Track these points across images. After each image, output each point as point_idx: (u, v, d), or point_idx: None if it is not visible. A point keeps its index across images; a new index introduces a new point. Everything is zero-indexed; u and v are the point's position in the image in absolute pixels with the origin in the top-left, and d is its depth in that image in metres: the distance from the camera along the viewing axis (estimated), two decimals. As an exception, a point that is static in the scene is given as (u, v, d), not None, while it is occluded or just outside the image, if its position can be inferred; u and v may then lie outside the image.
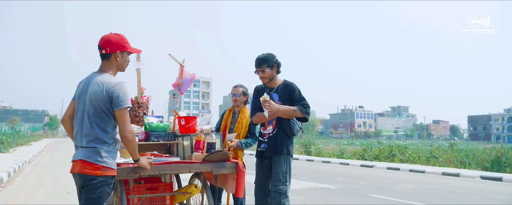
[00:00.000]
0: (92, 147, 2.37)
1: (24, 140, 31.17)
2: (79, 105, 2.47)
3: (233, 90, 4.19)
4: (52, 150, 23.04)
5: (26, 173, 10.30)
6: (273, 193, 3.33)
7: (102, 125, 2.40)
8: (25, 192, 7.07)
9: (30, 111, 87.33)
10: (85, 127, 2.40)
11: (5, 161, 12.73)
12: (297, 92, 3.57)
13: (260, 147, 3.59)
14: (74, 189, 6.20)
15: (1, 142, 20.57)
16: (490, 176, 10.66)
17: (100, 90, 2.38)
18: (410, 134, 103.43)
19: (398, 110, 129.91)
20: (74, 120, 2.51)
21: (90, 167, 2.33)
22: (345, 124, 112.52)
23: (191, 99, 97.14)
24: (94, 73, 2.53)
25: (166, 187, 3.54)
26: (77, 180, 2.42)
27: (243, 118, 4.05)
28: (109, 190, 2.40)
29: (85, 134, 2.39)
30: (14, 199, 6.36)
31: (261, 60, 3.54)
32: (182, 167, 3.04)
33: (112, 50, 2.49)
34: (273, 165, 3.44)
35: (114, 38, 2.50)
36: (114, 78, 2.48)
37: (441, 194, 7.44)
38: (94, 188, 2.33)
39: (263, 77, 3.57)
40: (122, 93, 2.40)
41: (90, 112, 2.40)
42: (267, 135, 3.56)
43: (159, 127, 3.59)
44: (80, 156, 2.38)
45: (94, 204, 2.34)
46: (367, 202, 6.43)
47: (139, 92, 4.05)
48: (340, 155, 20.01)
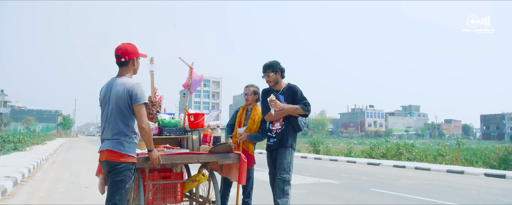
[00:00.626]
0: (116, 139, 2.86)
1: (39, 139, 32.05)
2: (105, 105, 2.97)
3: (245, 90, 4.49)
4: (67, 149, 23.70)
5: (45, 170, 10.83)
6: (278, 181, 3.86)
7: (124, 120, 2.88)
8: (46, 186, 7.55)
9: (44, 111, 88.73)
10: (110, 123, 2.89)
11: (24, 158, 13.31)
12: (299, 93, 4.11)
13: (269, 142, 4.15)
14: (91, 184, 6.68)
15: (19, 141, 21.34)
16: (494, 174, 10.83)
17: (122, 90, 2.87)
18: (421, 134, 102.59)
19: (409, 109, 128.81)
20: (101, 118, 3.00)
21: (115, 155, 2.83)
22: (355, 124, 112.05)
23: (202, 99, 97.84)
24: (114, 78, 3.03)
25: (177, 176, 3.96)
26: (104, 166, 2.90)
27: (255, 114, 4.35)
28: (131, 174, 2.87)
29: (110, 129, 2.88)
30: (37, 191, 6.84)
31: (267, 66, 4.12)
32: (191, 157, 3.47)
33: (130, 58, 3.00)
34: (279, 156, 3.99)
35: (130, 47, 3.01)
36: (132, 79, 2.98)
37: (439, 189, 7.72)
38: (118, 172, 2.81)
39: (269, 80, 4.15)
40: (139, 91, 2.88)
41: (114, 110, 2.88)
42: (274, 131, 4.12)
43: (171, 123, 4.02)
44: (106, 147, 2.87)
45: (119, 185, 2.82)
46: (366, 196, 6.76)
47: (153, 92, 4.46)
48: (348, 154, 20.20)
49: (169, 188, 3.81)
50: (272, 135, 4.15)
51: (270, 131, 4.21)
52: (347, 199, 6.43)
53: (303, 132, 43.03)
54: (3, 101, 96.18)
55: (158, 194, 3.71)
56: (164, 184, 3.75)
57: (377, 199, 6.44)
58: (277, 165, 3.97)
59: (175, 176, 3.94)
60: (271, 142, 4.14)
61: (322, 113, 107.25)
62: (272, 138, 4.14)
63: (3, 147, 18.60)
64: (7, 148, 18.09)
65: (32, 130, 60.56)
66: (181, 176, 4.05)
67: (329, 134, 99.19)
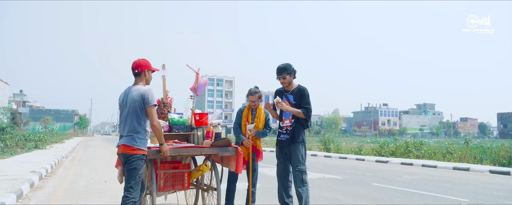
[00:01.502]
0: (130, 135, 3.52)
1: (58, 138, 33.11)
2: (123, 108, 3.63)
3: (252, 97, 4.69)
4: (84, 147, 24.52)
5: (66, 166, 11.48)
6: (296, 172, 4.34)
7: (138, 120, 3.54)
8: (68, 180, 8.14)
9: (61, 111, 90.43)
10: (126, 122, 3.57)
11: (45, 156, 14.03)
12: (306, 97, 4.51)
13: (280, 137, 4.57)
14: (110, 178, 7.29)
15: (39, 140, 22.24)
16: (499, 171, 11.00)
17: (136, 95, 3.54)
18: (436, 132, 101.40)
19: (424, 108, 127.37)
20: (120, 119, 3.66)
21: (129, 148, 3.50)
22: (369, 122, 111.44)
23: (215, 98, 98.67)
24: (130, 86, 3.71)
25: (185, 167, 4.57)
26: (121, 158, 3.59)
27: (260, 114, 4.71)
28: (142, 163, 3.54)
29: (127, 127, 3.55)
30: (61, 185, 7.43)
31: (282, 69, 4.50)
32: (195, 150, 4.11)
33: (142, 70, 3.67)
34: (293, 151, 4.41)
35: (143, 62, 3.69)
36: (144, 87, 3.65)
37: (438, 184, 8.05)
38: (131, 161, 3.48)
39: (284, 82, 4.54)
40: (150, 96, 3.54)
41: (130, 112, 3.54)
42: (285, 127, 4.53)
43: (180, 122, 4.69)
44: (122, 142, 3.55)
45: (133, 173, 3.47)
46: (365, 189, 7.17)
47: (164, 94, 5.09)
48: (358, 152, 20.43)
49: (178, 177, 4.44)
50: (282, 132, 4.56)
51: (281, 127, 4.62)
52: (347, 192, 6.85)
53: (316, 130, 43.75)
54: (22, 101, 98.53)
55: (168, 181, 4.36)
56: (173, 173, 4.38)
57: (374, 192, 6.84)
58: (292, 159, 4.40)
59: (183, 166, 4.54)
60: (283, 138, 4.53)
61: (335, 112, 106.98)
62: (283, 135, 4.54)
63: (25, 145, 19.46)
64: (29, 146, 18.94)
65: (50, 129, 62.14)
66: (188, 167, 4.65)
67: (342, 133, 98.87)
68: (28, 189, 6.55)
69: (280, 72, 4.50)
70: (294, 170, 4.37)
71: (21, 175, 7.86)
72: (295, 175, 4.35)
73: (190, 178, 4.52)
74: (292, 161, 4.42)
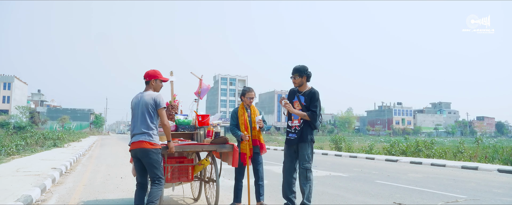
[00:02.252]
0: (146, 133, 4.05)
1: (75, 137, 34.03)
2: (136, 110, 4.15)
3: (250, 94, 5.12)
4: (100, 146, 25.19)
5: (84, 163, 12.00)
6: (301, 170, 4.63)
7: (151, 120, 4.10)
8: (87, 176, 8.61)
9: (77, 110, 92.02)
10: (142, 122, 4.07)
11: (64, 154, 14.61)
12: (315, 100, 4.73)
13: (289, 136, 4.82)
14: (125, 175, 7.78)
15: (58, 138, 22.99)
16: (507, 170, 11.04)
17: (149, 98, 4.12)
18: (451, 131, 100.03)
19: (439, 107, 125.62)
20: (132, 119, 4.17)
21: (147, 144, 4.02)
22: (382, 121, 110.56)
23: (228, 97, 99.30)
24: (141, 92, 4.27)
25: (189, 161, 5.16)
26: (138, 152, 4.03)
27: (255, 111, 5.13)
28: (160, 155, 4.11)
29: (142, 126, 4.05)
30: (81, 180, 7.89)
31: (295, 70, 4.79)
32: (197, 147, 4.82)
33: (149, 79, 4.25)
34: (300, 150, 4.68)
35: (151, 72, 4.27)
36: (155, 92, 4.22)
37: (441, 182, 8.26)
38: (152, 155, 4.01)
39: (294, 82, 4.83)
40: (161, 100, 4.14)
41: (144, 113, 4.08)
42: (294, 127, 4.77)
43: (185, 122, 5.37)
44: (140, 138, 4.03)
45: (154, 163, 4.01)
46: (369, 186, 7.44)
47: (172, 98, 5.72)
48: (369, 151, 20.55)
49: (183, 170, 5.07)
50: (291, 131, 4.80)
51: (289, 127, 4.86)
52: (350, 188, 7.14)
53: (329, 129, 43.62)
54: (40, 100, 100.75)
55: (175, 174, 4.99)
56: (179, 166, 5.02)
57: (376, 189, 7.12)
58: (299, 158, 4.67)
59: (187, 161, 5.13)
60: (291, 137, 4.77)
61: (348, 111, 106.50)
62: (291, 134, 4.78)
63: (44, 143, 20.20)
64: (48, 145, 19.66)
65: (67, 128, 63.50)
66: (192, 161, 5.24)
67: (355, 132, 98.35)
68: (50, 184, 7.01)
69: (293, 72, 4.79)
70: (300, 167, 4.64)
71: (43, 171, 8.35)
72: (300, 173, 4.63)
73: (194, 171, 5.15)
74: (299, 159, 4.68)
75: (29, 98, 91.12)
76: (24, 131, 29.56)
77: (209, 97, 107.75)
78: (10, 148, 14.19)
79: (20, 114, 63.95)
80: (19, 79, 76.91)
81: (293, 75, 4.78)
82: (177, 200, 5.91)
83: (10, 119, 59.56)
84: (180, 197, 6.12)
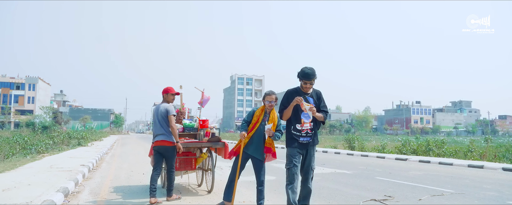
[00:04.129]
0: (166, 134, 5.68)
1: (97, 136, 35.40)
2: (156, 117, 5.78)
3: (269, 98, 5.07)
4: (121, 145, 26.27)
5: (108, 161, 12.94)
6: (311, 172, 4.73)
7: (166, 124, 5.71)
8: (112, 172, 9.48)
9: (98, 110, 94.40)
10: (162, 126, 5.61)
11: (88, 152, 15.60)
12: (323, 100, 4.83)
13: (300, 140, 4.67)
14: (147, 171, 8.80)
15: (82, 138, 24.19)
16: (511, 168, 11.38)
17: (163, 109, 5.76)
18: (471, 131, 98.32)
19: (460, 105, 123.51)
20: (154, 124, 5.85)
21: (167, 142, 5.68)
22: (400, 120, 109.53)
23: (244, 97, 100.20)
24: (159, 103, 5.88)
25: (193, 155, 6.83)
26: (160, 148, 5.66)
27: (274, 117, 5.06)
28: (175, 151, 5.76)
29: (162, 129, 5.41)
30: (107, 176, 8.76)
31: (312, 75, 4.59)
32: (197, 144, 6.34)
33: (163, 93, 5.92)
34: (310, 152, 4.71)
35: (164, 89, 5.90)
36: (167, 104, 5.83)
37: (437, 178, 8.80)
38: (172, 150, 5.72)
39: (309, 88, 4.69)
40: (171, 109, 5.77)
41: (161, 119, 5.71)
42: (305, 131, 4.66)
43: (190, 125, 6.83)
44: (162, 138, 5.68)
45: (172, 157, 5.72)
46: (368, 182, 8.08)
47: (181, 106, 7.15)
48: (381, 150, 20.87)
49: (188, 161, 6.69)
50: (302, 134, 4.65)
51: (298, 130, 4.68)
52: (349, 184, 7.78)
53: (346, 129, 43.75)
54: (62, 100, 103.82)
55: (182, 164, 6.60)
56: (185, 158, 6.65)
57: (374, 184, 7.75)
58: (308, 159, 4.68)
59: (191, 154, 6.80)
60: (303, 141, 4.66)
61: (366, 110, 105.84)
62: (303, 137, 4.66)
63: (70, 142, 21.37)
64: (73, 144, 20.81)
65: (88, 128, 65.48)
66: (195, 155, 6.87)
67: (373, 131, 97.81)
68: (81, 178, 7.88)
69: (310, 77, 4.57)
70: (309, 169, 4.69)
71: (74, 168, 9.26)
72: (308, 173, 4.71)
73: (196, 163, 6.73)
74: (307, 161, 4.70)
75: (52, 99, 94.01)
76: (49, 130, 31.03)
77: (226, 97, 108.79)
78: (40, 147, 15.28)
79: (44, 114, 66.20)
80: (43, 80, 79.55)
81: (311, 80, 4.60)
82: (185, 186, 7.44)
83: (34, 119, 61.84)
84: (186, 184, 7.65)
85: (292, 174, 4.61)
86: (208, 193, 6.45)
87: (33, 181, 6.90)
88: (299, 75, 4.65)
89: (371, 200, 5.93)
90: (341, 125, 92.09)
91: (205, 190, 6.82)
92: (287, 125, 4.86)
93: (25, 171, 8.46)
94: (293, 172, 4.60)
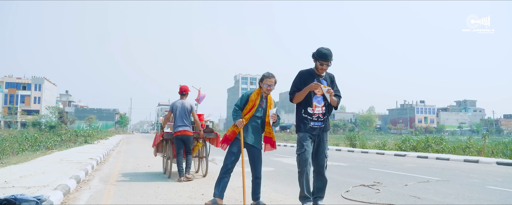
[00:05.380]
0: (188, 125, 6.92)
1: (102, 135, 36.06)
2: (176, 110, 6.92)
3: (268, 81, 4.55)
4: (127, 143, 26.82)
5: (114, 156, 13.43)
6: (325, 158, 4.39)
7: (188, 117, 6.93)
8: (119, 165, 9.96)
9: (103, 110, 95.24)
10: (183, 118, 6.88)
11: (95, 149, 16.13)
12: (336, 84, 4.52)
13: (311, 125, 4.32)
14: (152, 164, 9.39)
15: (88, 135, 24.83)
16: (505, 162, 11.58)
17: (188, 105, 7.05)
18: (476, 130, 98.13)
19: (464, 105, 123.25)
20: (176, 116, 6.91)
21: (189, 132, 6.94)
22: (404, 120, 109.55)
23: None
24: (179, 100, 7.09)
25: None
26: (183, 136, 6.85)
27: (271, 103, 4.63)
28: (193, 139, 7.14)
29: (184, 121, 6.87)
30: (115, 168, 9.26)
31: (330, 55, 4.23)
32: (195, 134, 7.25)
33: (186, 92, 7.22)
34: (324, 138, 4.38)
35: (184, 88, 7.18)
36: (188, 101, 7.13)
37: (429, 170, 9.21)
38: (190, 138, 6.99)
39: (326, 69, 4.34)
40: (194, 106, 7.16)
41: (185, 113, 6.93)
42: (316, 115, 4.32)
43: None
44: (183, 128, 6.86)
45: (190, 143, 6.99)
46: (361, 172, 8.51)
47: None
48: (382, 147, 21.21)
49: None
50: (313, 119, 4.32)
51: (309, 114, 4.33)
52: (343, 173, 8.22)
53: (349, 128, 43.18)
54: (68, 100, 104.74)
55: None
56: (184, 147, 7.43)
57: (365, 173, 8.19)
58: (322, 146, 4.34)
59: None
60: (315, 125, 4.32)
61: (370, 110, 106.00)
62: (314, 122, 4.31)
63: (77, 140, 21.95)
64: (80, 141, 21.38)
65: (94, 128, 66.31)
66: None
67: (376, 131, 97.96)
68: (91, 169, 8.37)
69: (328, 58, 4.24)
70: (323, 156, 4.35)
71: (83, 160, 9.76)
72: (323, 161, 4.35)
73: (193, 151, 7.57)
74: (321, 148, 4.36)
75: (57, 99, 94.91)
76: (55, 129, 31.69)
77: (230, 97, 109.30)
78: (48, 143, 15.83)
79: (50, 114, 67.04)
80: (49, 81, 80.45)
81: (328, 61, 4.27)
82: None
83: (41, 118, 62.69)
84: None
85: (303, 160, 4.26)
86: (203, 177, 7.39)
87: (46, 171, 7.39)
88: (316, 56, 4.31)
89: (361, 185, 6.36)
90: (345, 124, 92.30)
91: (201, 175, 7.71)
92: (297, 108, 4.50)
93: (37, 163, 8.96)
94: (305, 158, 4.25)
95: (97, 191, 5.73)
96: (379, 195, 5.47)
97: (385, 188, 6.06)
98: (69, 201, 4.95)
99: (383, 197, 5.26)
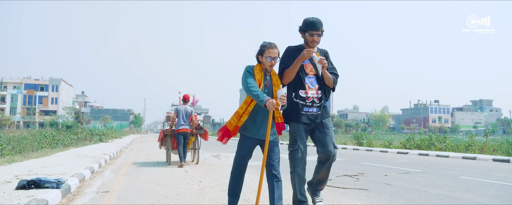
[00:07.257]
0: (187, 124, 8.91)
1: (117, 134, 37.27)
2: (180, 113, 8.89)
3: (271, 52, 3.46)
4: (140, 142, 27.83)
5: (127, 153, 14.29)
6: (335, 150, 3.67)
7: (187, 118, 8.97)
8: (130, 160, 10.78)
9: (118, 110, 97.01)
10: (184, 119, 8.88)
11: (109, 146, 17.04)
12: (331, 61, 3.78)
13: (305, 111, 3.57)
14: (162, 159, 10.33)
15: (103, 134, 25.94)
16: (500, 159, 11.90)
17: (189, 109, 9.10)
18: (492, 130, 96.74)
19: (480, 104, 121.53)
20: (179, 118, 8.90)
21: (187, 129, 8.91)
22: (418, 120, 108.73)
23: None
24: (182, 105, 9.14)
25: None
26: (184, 133, 8.85)
27: (276, 79, 3.57)
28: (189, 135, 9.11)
29: (185, 121, 8.85)
30: (127, 161, 10.08)
31: (320, 23, 3.48)
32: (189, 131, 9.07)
33: (187, 99, 9.29)
34: (328, 125, 3.66)
35: (185, 96, 9.25)
36: (188, 106, 9.00)
37: (418, 164, 9.73)
38: (188, 134, 8.98)
39: (318, 41, 3.54)
40: (193, 110, 9.15)
41: (186, 115, 8.93)
42: (310, 99, 3.57)
43: None
44: (184, 126, 8.86)
45: (188, 138, 9.03)
46: (352, 166, 9.09)
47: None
48: (387, 145, 21.58)
49: None
50: (307, 103, 3.57)
51: (302, 98, 3.59)
52: (335, 167, 8.73)
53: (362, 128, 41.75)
54: (84, 101, 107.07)
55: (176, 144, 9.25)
56: None
57: (356, 167, 8.77)
58: (330, 135, 3.63)
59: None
60: (310, 111, 3.58)
61: (384, 109, 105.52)
62: (308, 107, 3.57)
63: (92, 139, 22.99)
64: (95, 140, 22.41)
65: (108, 127, 67.89)
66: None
67: (390, 131, 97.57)
68: (104, 163, 9.19)
69: (317, 26, 3.48)
70: (333, 147, 3.63)
71: (97, 155, 10.60)
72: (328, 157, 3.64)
73: (188, 145, 9.44)
74: (328, 135, 3.63)
75: (74, 100, 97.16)
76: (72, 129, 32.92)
77: (242, 97, 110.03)
78: (65, 141, 16.81)
79: (67, 114, 68.95)
80: (65, 82, 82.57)
81: (319, 30, 3.48)
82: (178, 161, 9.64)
83: (58, 119, 64.56)
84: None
85: (296, 159, 3.60)
86: (196, 164, 9.25)
87: (64, 163, 8.23)
88: (303, 27, 3.57)
89: (344, 175, 6.98)
90: (357, 124, 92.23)
91: (195, 163, 9.55)
92: (287, 92, 3.69)
93: (56, 157, 9.83)
94: (298, 156, 3.59)
95: (109, 179, 6.52)
96: (357, 183, 6.09)
97: (365, 178, 6.68)
98: (84, 186, 5.73)
99: (358, 185, 5.88)
